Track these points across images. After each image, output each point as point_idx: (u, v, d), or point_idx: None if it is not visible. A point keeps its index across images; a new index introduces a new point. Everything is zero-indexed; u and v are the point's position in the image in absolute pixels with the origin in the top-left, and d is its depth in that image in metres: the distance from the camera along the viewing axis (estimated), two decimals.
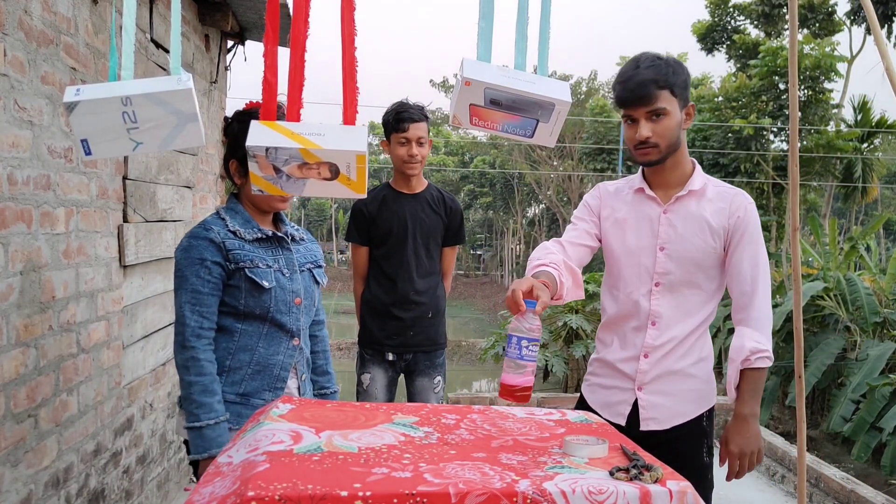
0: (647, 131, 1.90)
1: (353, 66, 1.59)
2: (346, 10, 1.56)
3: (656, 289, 2.00)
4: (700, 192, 2.00)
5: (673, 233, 1.99)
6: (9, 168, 2.11)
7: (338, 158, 1.53)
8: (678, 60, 1.95)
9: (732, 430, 1.95)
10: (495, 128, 1.66)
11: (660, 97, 1.88)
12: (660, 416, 2.01)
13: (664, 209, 2.01)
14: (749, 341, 1.92)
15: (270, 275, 2.00)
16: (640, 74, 1.88)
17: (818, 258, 11.33)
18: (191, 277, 1.93)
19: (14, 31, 2.13)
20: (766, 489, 4.62)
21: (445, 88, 32.97)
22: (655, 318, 2.00)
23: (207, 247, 1.94)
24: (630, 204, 2.06)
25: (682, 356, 2.01)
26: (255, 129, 1.53)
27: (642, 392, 2.02)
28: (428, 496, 1.13)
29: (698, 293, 2.00)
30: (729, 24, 22.48)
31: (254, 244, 2.00)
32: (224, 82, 4.64)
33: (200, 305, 1.93)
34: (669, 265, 1.98)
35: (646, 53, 1.95)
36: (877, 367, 8.23)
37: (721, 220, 1.97)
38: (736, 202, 1.99)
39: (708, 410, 2.05)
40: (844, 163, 17.87)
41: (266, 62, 1.58)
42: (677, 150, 1.97)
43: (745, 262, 1.97)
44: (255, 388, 2.01)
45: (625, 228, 2.04)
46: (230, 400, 1.97)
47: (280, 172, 1.54)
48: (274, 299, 2.00)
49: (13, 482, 2.16)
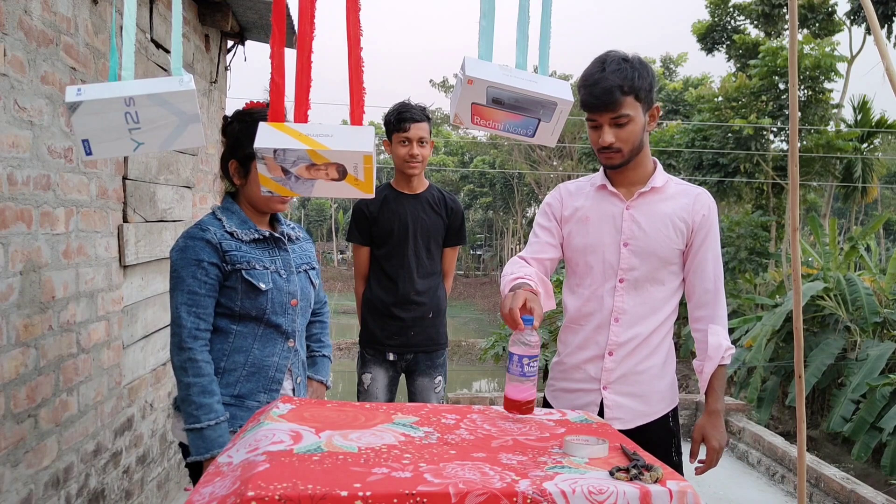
0: (611, 137, 1.90)
1: (359, 66, 1.59)
2: (351, 10, 1.57)
3: (620, 285, 2.00)
4: (662, 188, 2.02)
5: (637, 228, 1.99)
6: (9, 168, 2.11)
7: (345, 159, 1.53)
8: (644, 62, 1.93)
9: (709, 426, 2.01)
10: (497, 127, 1.66)
11: (624, 104, 1.87)
12: (624, 416, 2.01)
13: (627, 205, 2.01)
14: (724, 339, 1.98)
15: (267, 276, 1.99)
16: (606, 80, 1.86)
17: (818, 258, 11.33)
18: (187, 278, 1.91)
19: (14, 31, 2.13)
20: (766, 489, 4.62)
21: (445, 88, 32.98)
22: (619, 314, 2.00)
23: (204, 247, 1.92)
24: (592, 201, 2.05)
25: (647, 356, 2.01)
26: (264, 131, 1.53)
27: (607, 391, 2.02)
28: (428, 496, 1.13)
29: (661, 289, 2.01)
30: (729, 24, 22.49)
31: (251, 245, 1.99)
32: (224, 82, 4.64)
33: (197, 307, 1.91)
34: (634, 261, 1.99)
35: (612, 54, 1.93)
36: (877, 367, 8.23)
37: (685, 217, 1.99)
38: (700, 200, 2.01)
39: (672, 410, 2.07)
40: (844, 163, 17.87)
41: (273, 63, 1.58)
42: (640, 151, 1.98)
43: (709, 260, 2.00)
44: (250, 389, 1.99)
45: (587, 225, 2.04)
46: (225, 402, 1.95)
47: (288, 174, 1.55)
48: (270, 301, 1.99)
49: (13, 482, 2.16)
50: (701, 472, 2.04)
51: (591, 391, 2.04)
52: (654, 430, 2.02)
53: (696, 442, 2.04)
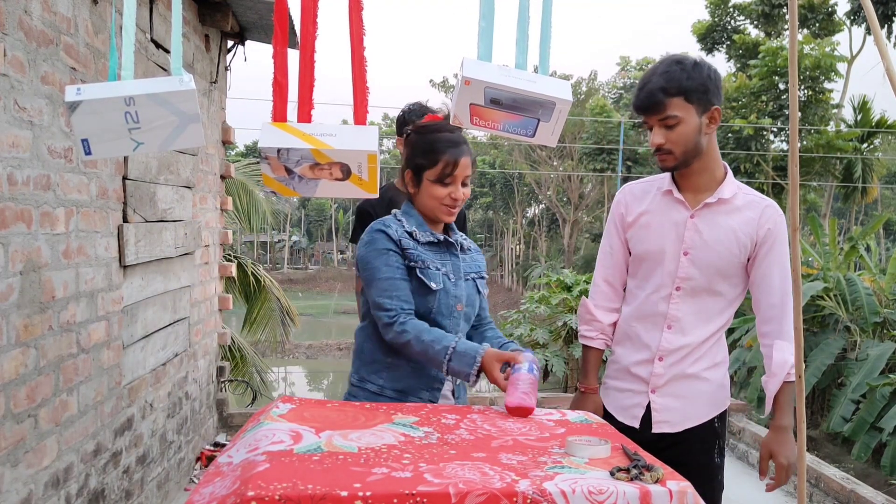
0: (660, 138, 1.91)
1: (362, 66, 1.59)
2: (353, 10, 1.57)
3: (676, 293, 2.00)
4: (730, 200, 1.99)
5: (698, 239, 1.98)
6: (9, 168, 2.11)
7: (349, 158, 1.53)
8: (698, 63, 1.92)
9: (777, 442, 1.98)
10: (496, 127, 1.66)
11: (670, 105, 1.87)
12: (672, 419, 2.02)
13: (691, 214, 1.99)
14: (789, 356, 1.95)
15: (439, 277, 2.04)
16: (651, 82, 1.89)
17: (818, 258, 11.32)
18: (381, 266, 1.97)
19: (14, 31, 2.13)
20: (766, 489, 4.62)
21: (445, 88, 32.98)
22: (672, 321, 2.00)
23: (387, 239, 2.00)
24: (657, 206, 2.05)
25: (696, 360, 2.01)
26: (267, 131, 1.53)
27: (655, 395, 2.02)
28: (428, 496, 1.13)
29: (719, 300, 2.01)
30: (729, 24, 22.50)
31: (426, 246, 2.05)
32: (224, 82, 4.64)
33: (396, 290, 1.96)
34: (692, 271, 1.98)
35: (666, 59, 1.95)
36: (877, 367, 8.22)
37: (749, 231, 1.97)
38: (766, 214, 1.99)
39: (720, 413, 2.06)
40: (844, 163, 17.88)
41: (276, 63, 1.58)
42: (701, 154, 1.95)
43: (774, 274, 1.98)
44: (413, 386, 2.04)
45: (650, 231, 2.04)
46: (389, 395, 2.01)
47: (292, 173, 1.55)
48: (438, 302, 2.03)
49: (13, 482, 2.16)
50: (771, 489, 2.02)
51: (639, 393, 2.05)
52: (699, 432, 2.02)
53: (763, 459, 2.01)
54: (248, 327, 7.54)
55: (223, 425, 4.77)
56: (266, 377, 7.48)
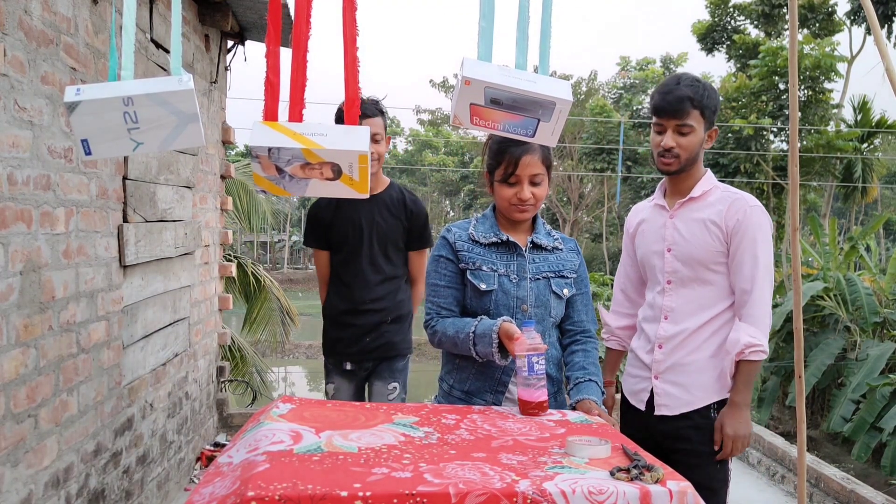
0: (672, 142, 2.13)
1: (355, 66, 1.59)
2: (347, 10, 1.57)
3: (668, 286, 2.23)
4: (702, 196, 2.21)
5: (677, 235, 2.21)
6: (9, 168, 2.11)
7: (340, 158, 1.53)
8: (713, 88, 2.19)
9: (727, 415, 2.14)
10: (496, 127, 1.66)
11: (691, 114, 2.11)
12: (670, 403, 2.20)
13: (671, 214, 2.25)
14: (744, 336, 2.09)
15: (493, 278, 2.07)
16: (680, 90, 2.11)
17: (818, 258, 11.32)
18: (431, 272, 2.16)
19: (14, 31, 2.13)
20: (766, 489, 4.62)
21: (445, 88, 32.98)
22: (668, 312, 2.23)
23: (444, 245, 2.15)
24: (649, 215, 2.35)
25: (694, 349, 2.19)
26: (258, 130, 1.53)
27: (658, 380, 2.23)
28: (428, 496, 1.13)
29: (710, 289, 2.19)
30: (729, 24, 22.48)
31: (487, 248, 2.11)
32: (224, 82, 4.64)
33: (437, 296, 2.12)
34: (676, 265, 2.21)
35: (687, 74, 2.20)
36: (877, 367, 8.22)
37: (718, 221, 2.16)
38: (735, 205, 2.16)
39: (718, 402, 2.18)
40: (844, 163, 17.87)
41: (268, 62, 1.58)
42: (695, 164, 2.19)
43: (746, 262, 2.14)
44: (478, 388, 2.08)
45: (645, 237, 2.33)
46: (458, 395, 2.08)
47: (283, 173, 1.55)
48: (494, 303, 2.07)
49: (13, 482, 2.16)
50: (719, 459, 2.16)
51: (644, 378, 2.27)
52: (696, 419, 2.17)
53: (716, 430, 2.15)
54: (248, 327, 7.55)
55: (223, 425, 4.77)
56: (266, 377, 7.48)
